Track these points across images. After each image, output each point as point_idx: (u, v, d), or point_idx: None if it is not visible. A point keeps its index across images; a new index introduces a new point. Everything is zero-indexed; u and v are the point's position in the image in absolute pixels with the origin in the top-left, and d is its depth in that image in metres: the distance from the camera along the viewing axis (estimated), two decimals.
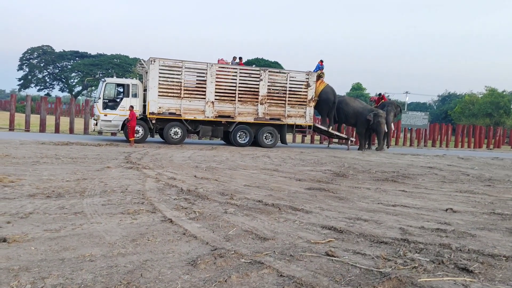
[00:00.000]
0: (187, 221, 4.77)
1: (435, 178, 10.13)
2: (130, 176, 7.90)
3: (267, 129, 18.38)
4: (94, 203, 5.43)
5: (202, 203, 5.79)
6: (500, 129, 34.65)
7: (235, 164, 11.01)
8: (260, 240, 4.19)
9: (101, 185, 6.76)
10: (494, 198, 7.39)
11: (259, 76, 18.12)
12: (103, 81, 17.05)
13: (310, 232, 4.58)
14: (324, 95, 19.56)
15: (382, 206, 6.20)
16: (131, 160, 10.43)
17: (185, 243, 4.00)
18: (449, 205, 6.40)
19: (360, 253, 3.89)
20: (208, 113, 17.34)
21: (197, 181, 7.71)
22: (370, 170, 11.10)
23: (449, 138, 31.19)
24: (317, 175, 9.67)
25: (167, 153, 13.23)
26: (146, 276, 3.14)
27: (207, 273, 3.25)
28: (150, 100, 16.50)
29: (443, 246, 4.14)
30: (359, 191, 7.59)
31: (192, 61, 17.41)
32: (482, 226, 5.16)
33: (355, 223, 5.07)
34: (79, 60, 62.59)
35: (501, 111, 51.17)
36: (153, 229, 4.39)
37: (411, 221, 5.27)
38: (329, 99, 19.62)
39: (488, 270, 3.54)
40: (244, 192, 6.84)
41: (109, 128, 16.91)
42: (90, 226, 4.39)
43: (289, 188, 7.47)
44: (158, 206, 5.44)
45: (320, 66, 20.21)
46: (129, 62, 57.45)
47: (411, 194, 7.50)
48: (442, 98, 79.83)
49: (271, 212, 5.47)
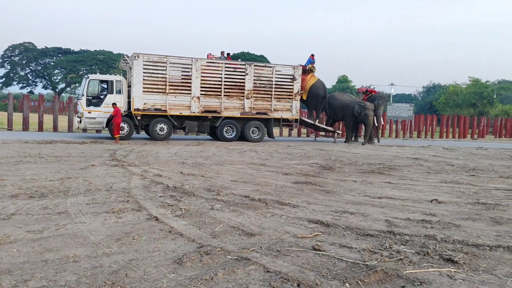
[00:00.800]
0: (173, 219, 4.73)
1: (420, 169, 10.23)
2: (115, 174, 7.81)
3: (253, 124, 18.35)
4: (78, 203, 5.35)
5: (188, 200, 5.75)
6: (484, 119, 35.13)
7: (222, 160, 10.97)
8: (247, 236, 4.17)
9: (85, 183, 6.67)
10: (478, 188, 7.49)
11: (245, 70, 18.06)
12: (86, 78, 16.81)
13: (297, 227, 4.58)
14: (315, 89, 19.60)
15: (368, 199, 6.24)
16: (116, 158, 10.32)
17: (171, 241, 3.96)
18: (434, 196, 6.47)
19: (346, 246, 3.90)
20: (194, 108, 17.23)
21: (184, 178, 7.66)
22: (356, 163, 11.17)
23: (434, 129, 31.54)
24: (303, 168, 9.69)
25: (153, 149, 13.12)
26: (131, 275, 3.10)
27: (193, 271, 3.22)
28: (134, 96, 16.33)
29: (428, 237, 4.18)
30: (345, 184, 7.62)
31: (177, 56, 17.27)
32: (466, 216, 5.22)
33: (342, 216, 5.09)
34: (62, 56, 61.65)
35: (485, 101, 51.93)
36: (138, 227, 4.34)
37: (397, 213, 5.31)
38: (319, 94, 19.66)
39: (473, 260, 3.58)
40: (230, 187, 6.82)
41: (94, 125, 16.69)
42: (74, 226, 4.32)
43: (276, 183, 7.47)
44: (144, 204, 5.39)
45: (311, 60, 20.29)
46: (113, 58, 56.72)
47: (396, 185, 7.56)
48: (427, 89, 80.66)
49: (258, 207, 5.45)
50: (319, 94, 19.69)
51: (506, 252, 3.83)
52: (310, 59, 20.38)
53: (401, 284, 3.07)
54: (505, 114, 44.58)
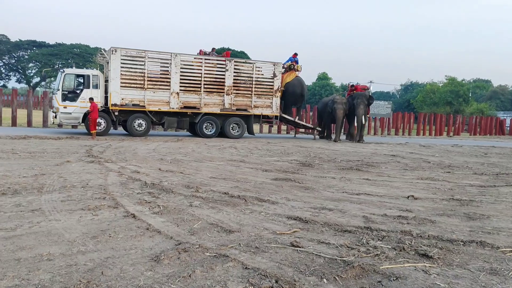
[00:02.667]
0: (151, 216, 4.67)
1: (397, 166, 10.39)
2: (91, 170, 7.67)
3: (233, 120, 18.30)
4: (52, 200, 5.23)
5: (166, 197, 5.69)
6: (459, 117, 35.97)
7: (201, 156, 10.91)
8: (226, 233, 4.15)
9: (60, 180, 6.52)
10: (453, 185, 7.65)
11: (225, 66, 17.97)
12: (61, 72, 16.44)
13: (276, 223, 4.59)
14: (291, 87, 19.58)
15: (347, 195, 6.30)
16: (93, 154, 10.13)
17: (148, 238, 3.91)
18: (410, 192, 6.57)
19: (324, 242, 3.92)
20: (173, 104, 17.08)
21: (162, 174, 7.58)
22: (335, 160, 11.27)
23: (411, 126, 32.12)
24: (283, 165, 9.72)
25: (130, 145, 12.95)
26: (107, 274, 3.05)
27: (171, 268, 3.19)
28: (112, 91, 16.06)
29: (404, 233, 4.24)
30: (324, 180, 7.67)
31: (155, 50, 17.06)
32: (441, 212, 5.32)
33: (320, 212, 5.12)
34: (36, 50, 60.19)
35: (461, 100, 53.18)
36: (115, 225, 4.27)
37: (374, 209, 5.38)
38: (295, 92, 19.64)
39: (447, 255, 3.65)
40: (210, 184, 6.78)
41: (69, 120, 16.36)
42: (48, 224, 4.22)
43: (256, 179, 7.47)
44: (121, 201, 5.30)
45: (293, 59, 20.38)
46: (90, 52, 55.71)
47: (374, 182, 7.65)
48: (404, 87, 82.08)
49: (237, 204, 5.44)
50: (295, 92, 19.64)
51: (479, 247, 3.92)
52: (291, 57, 20.49)
53: (378, 279, 3.10)
54: (479, 112, 45.75)
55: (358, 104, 19.25)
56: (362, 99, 19.44)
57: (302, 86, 19.94)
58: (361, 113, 19.34)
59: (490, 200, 6.22)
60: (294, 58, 20.46)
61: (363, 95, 19.72)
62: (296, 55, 20.63)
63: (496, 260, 3.59)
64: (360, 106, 19.22)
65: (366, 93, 19.95)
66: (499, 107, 58.70)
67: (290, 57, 20.49)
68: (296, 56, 20.57)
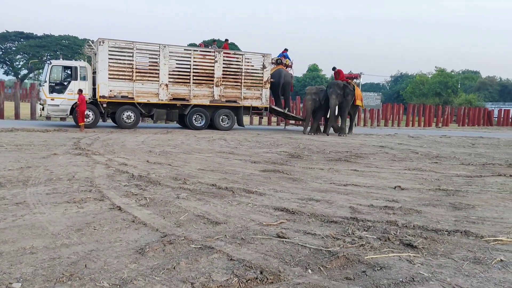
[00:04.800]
0: (137, 208, 4.64)
1: (385, 156, 10.45)
2: (78, 163, 7.59)
3: (223, 112, 18.23)
4: (38, 192, 5.17)
5: (153, 189, 5.66)
6: (448, 107, 36.20)
7: (190, 148, 10.86)
8: (212, 225, 4.15)
9: (46, 173, 6.45)
10: (440, 175, 7.72)
11: (214, 57, 17.86)
12: (48, 64, 16.20)
13: (263, 215, 4.59)
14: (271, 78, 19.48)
15: (334, 186, 6.32)
16: (80, 146, 10.04)
17: (134, 230, 3.89)
18: (397, 183, 6.62)
19: (310, 233, 3.93)
20: (162, 96, 16.94)
21: (150, 166, 7.53)
22: (324, 151, 11.29)
23: (400, 118, 32.29)
24: (272, 156, 9.72)
25: (119, 138, 12.84)
26: (90, 266, 3.03)
27: (156, 260, 3.17)
28: (100, 83, 15.88)
29: (390, 223, 4.27)
30: (312, 171, 7.69)
31: (144, 42, 16.88)
32: (427, 202, 5.37)
33: (307, 203, 5.14)
34: (24, 41, 59.24)
35: (449, 91, 53.59)
36: (100, 217, 4.24)
37: (361, 200, 5.40)
38: (274, 83, 19.47)
39: (431, 245, 3.69)
40: (198, 176, 6.75)
41: (57, 113, 16.15)
42: (32, 217, 4.17)
43: (244, 171, 7.46)
44: (107, 193, 5.26)
45: (282, 54, 20.37)
46: (79, 44, 54.94)
47: (362, 173, 7.69)
48: (394, 79, 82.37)
49: (225, 195, 5.43)
50: (275, 83, 19.47)
51: (463, 236, 3.96)
52: (282, 52, 20.53)
53: (362, 269, 3.12)
54: (468, 103, 46.11)
55: (330, 94, 18.05)
56: (334, 88, 18.12)
57: (280, 76, 19.64)
58: (333, 104, 17.95)
59: (476, 190, 6.29)
60: (283, 53, 20.51)
61: (336, 84, 18.31)
62: (286, 50, 20.72)
63: (480, 249, 3.63)
64: (332, 96, 17.95)
65: (340, 82, 18.39)
66: (487, 98, 59.20)
67: (280, 53, 20.56)
68: (286, 51, 20.63)
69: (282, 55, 20.48)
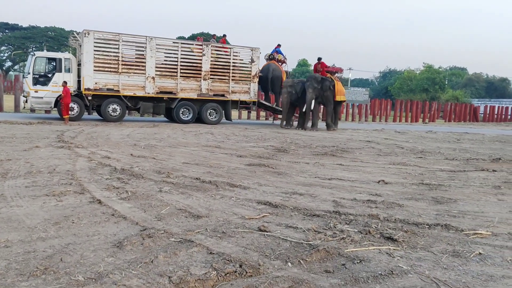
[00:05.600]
0: (118, 202, 4.57)
1: (371, 151, 10.49)
2: (60, 155, 7.47)
3: (211, 106, 18.12)
4: (16, 185, 5.07)
5: (136, 182, 5.59)
6: (435, 103, 36.53)
7: (176, 142, 10.78)
8: (194, 218, 4.11)
9: (26, 166, 6.33)
10: (424, 170, 7.76)
11: (202, 51, 17.72)
12: (32, 55, 15.92)
13: (246, 208, 4.56)
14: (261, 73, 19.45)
15: (319, 180, 6.31)
16: (64, 139, 9.89)
17: (113, 224, 3.83)
18: (381, 177, 6.64)
19: (292, 226, 3.92)
20: (148, 89, 16.77)
21: (133, 160, 7.45)
22: (311, 145, 11.30)
23: (388, 113, 32.48)
24: (258, 151, 9.69)
25: (104, 131, 12.69)
26: (66, 260, 2.97)
27: (133, 254, 3.13)
28: (85, 75, 15.65)
29: (372, 217, 4.28)
30: (298, 165, 7.68)
31: (130, 34, 16.66)
32: (410, 196, 5.39)
33: (291, 197, 5.12)
34: (9, 32, 58.12)
35: (437, 87, 54.05)
36: (79, 211, 4.17)
37: (345, 194, 5.41)
38: (262, 78, 19.38)
39: (412, 238, 3.70)
40: (182, 169, 6.69)
41: (41, 105, 15.90)
42: (9, 210, 4.09)
43: (229, 165, 7.41)
44: (88, 186, 5.18)
45: (275, 49, 20.43)
46: (65, 35, 53.92)
47: (347, 167, 7.70)
48: (383, 75, 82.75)
49: (208, 189, 5.39)
50: (263, 77, 19.39)
51: (444, 230, 3.98)
52: (275, 48, 20.57)
53: (342, 262, 3.11)
54: (455, 99, 46.57)
55: (307, 88, 17.45)
56: (311, 82, 17.57)
57: (269, 70, 19.56)
58: (310, 98, 17.38)
59: (459, 185, 6.34)
60: (276, 48, 20.51)
61: (313, 78, 17.80)
62: (279, 45, 20.73)
63: (460, 242, 3.65)
64: (309, 90, 17.36)
65: (317, 76, 17.92)
66: (473, 95, 59.92)
67: (273, 49, 20.54)
68: (279, 47, 20.63)
69: (275, 50, 20.46)
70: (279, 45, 20.76)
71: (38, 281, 2.65)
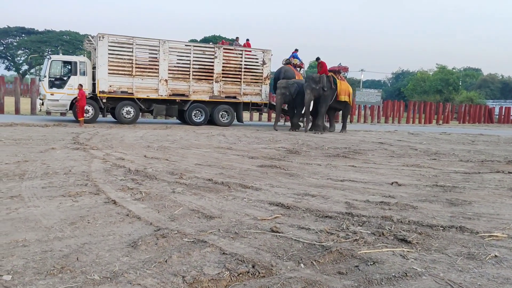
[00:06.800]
0: (132, 202, 4.63)
1: (384, 153, 10.42)
2: (75, 157, 7.59)
3: (222, 108, 18.21)
4: (33, 186, 5.16)
5: (149, 183, 5.64)
6: (449, 105, 36.13)
7: (189, 143, 10.85)
8: (206, 219, 4.13)
9: (43, 167, 6.44)
10: (438, 171, 7.69)
11: (214, 53, 17.81)
12: (48, 59, 16.20)
13: (258, 209, 4.57)
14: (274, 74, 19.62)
15: (331, 181, 6.30)
16: (79, 141, 10.03)
17: (127, 224, 3.88)
18: (395, 179, 6.59)
19: (304, 228, 3.92)
20: (161, 91, 16.93)
21: (147, 161, 7.52)
22: (323, 147, 11.27)
23: (401, 115, 32.22)
24: (270, 152, 9.70)
25: (118, 133, 12.84)
26: (82, 259, 3.02)
27: (148, 254, 3.16)
28: (100, 78, 15.87)
29: (385, 219, 4.25)
30: (310, 167, 7.67)
31: (144, 37, 16.85)
32: (424, 198, 5.35)
33: (303, 198, 5.12)
34: (25, 37, 59.16)
35: (450, 88, 53.41)
36: (94, 211, 4.23)
37: (357, 195, 5.39)
38: (274, 80, 19.58)
39: (426, 240, 3.67)
40: (194, 171, 6.74)
41: (57, 108, 16.18)
42: (26, 210, 4.16)
43: (241, 166, 7.44)
44: (103, 187, 5.25)
45: (292, 55, 20.57)
46: (80, 39, 54.80)
47: (360, 169, 7.66)
48: (395, 76, 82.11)
49: (220, 190, 5.41)
50: (274, 79, 19.59)
51: (458, 232, 3.95)
52: (292, 53, 20.73)
53: (355, 264, 3.11)
54: (469, 100, 46.01)
55: (305, 89, 16.86)
56: (309, 82, 16.95)
57: (280, 72, 19.62)
58: (308, 99, 16.77)
59: (474, 187, 6.26)
60: (294, 53, 20.68)
61: (311, 78, 17.14)
62: (297, 50, 20.83)
63: (475, 245, 3.61)
64: (307, 91, 16.77)
65: (315, 76, 17.27)
66: (488, 96, 59.05)
67: (291, 54, 20.71)
68: (296, 52, 20.72)
69: (292, 56, 20.57)
70: (296, 50, 20.87)
71: (55, 279, 2.70)
